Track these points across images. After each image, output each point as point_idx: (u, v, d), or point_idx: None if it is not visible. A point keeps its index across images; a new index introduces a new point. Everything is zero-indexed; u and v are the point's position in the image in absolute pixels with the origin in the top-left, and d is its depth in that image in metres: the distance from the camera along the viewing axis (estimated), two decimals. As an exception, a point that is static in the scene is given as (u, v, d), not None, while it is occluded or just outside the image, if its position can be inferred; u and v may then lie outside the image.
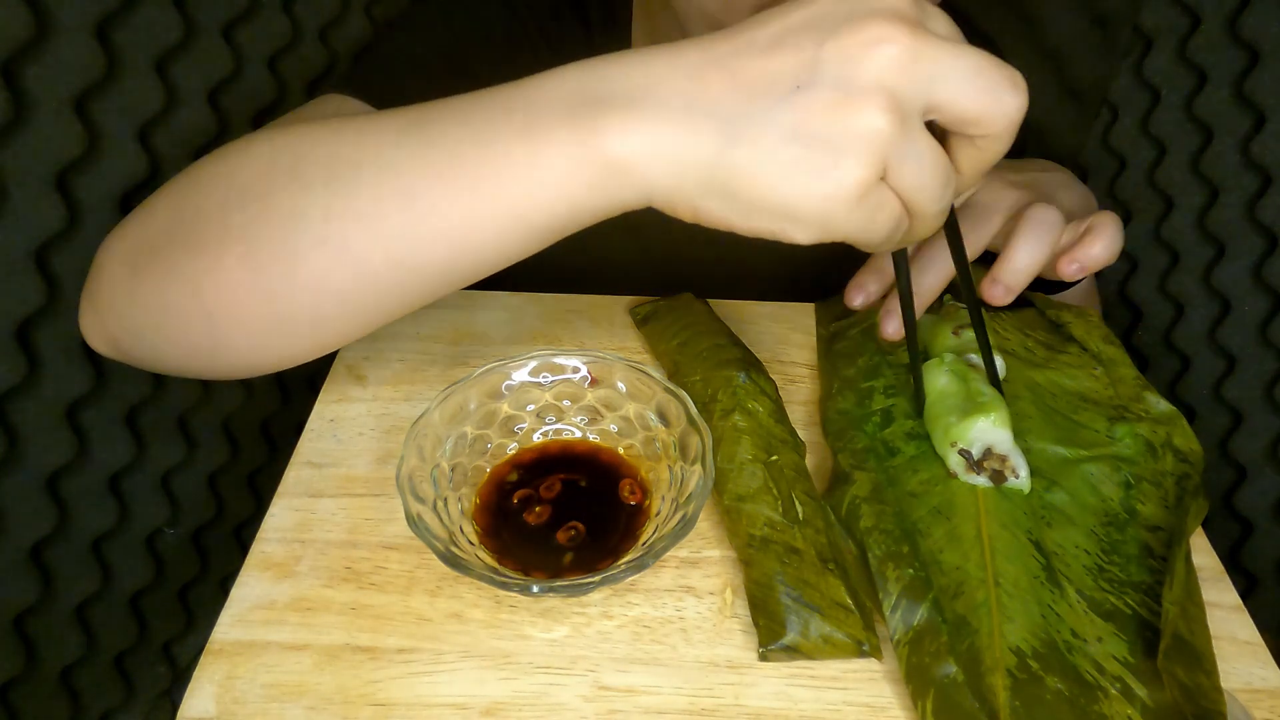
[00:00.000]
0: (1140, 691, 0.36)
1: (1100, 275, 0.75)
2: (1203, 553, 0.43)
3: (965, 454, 0.43)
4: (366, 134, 0.35)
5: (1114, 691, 0.36)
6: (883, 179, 0.30)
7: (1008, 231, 0.46)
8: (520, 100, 0.32)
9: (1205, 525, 0.44)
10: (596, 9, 0.60)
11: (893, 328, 0.48)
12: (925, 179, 0.31)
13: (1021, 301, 0.54)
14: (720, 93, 0.30)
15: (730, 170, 0.30)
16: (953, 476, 0.44)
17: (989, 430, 0.43)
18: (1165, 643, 0.36)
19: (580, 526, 0.42)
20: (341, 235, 0.34)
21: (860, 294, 0.51)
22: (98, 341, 0.43)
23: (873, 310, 0.53)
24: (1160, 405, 0.47)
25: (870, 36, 0.29)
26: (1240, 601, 0.41)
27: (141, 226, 0.41)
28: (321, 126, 0.37)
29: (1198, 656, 0.37)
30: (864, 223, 0.31)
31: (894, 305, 0.48)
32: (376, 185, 0.34)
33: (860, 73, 0.29)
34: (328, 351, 0.40)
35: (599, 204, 0.32)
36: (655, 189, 0.31)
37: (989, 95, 0.30)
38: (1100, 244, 0.46)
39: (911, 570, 0.40)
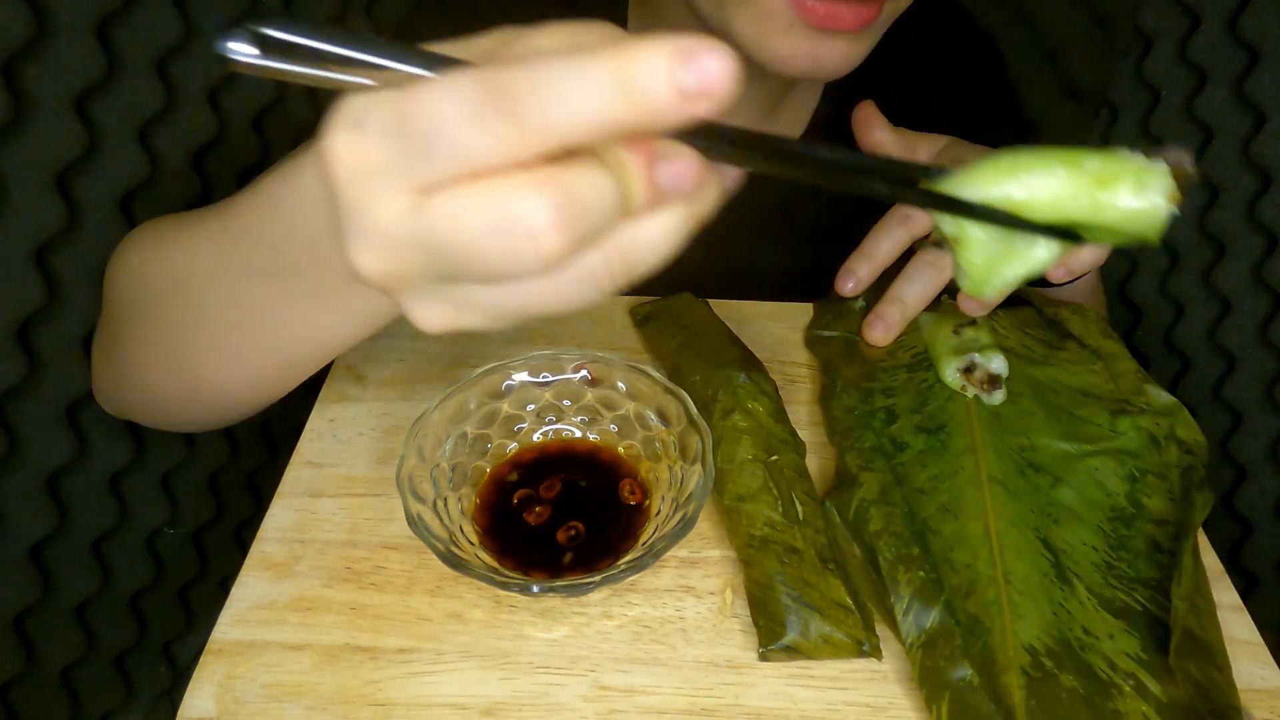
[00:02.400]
0: (1154, 688, 0.36)
1: (1102, 274, 0.75)
2: (1203, 552, 0.43)
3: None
4: (197, 262, 0.39)
5: (1128, 688, 0.36)
6: None
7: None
8: (305, 258, 0.33)
9: (1205, 525, 0.44)
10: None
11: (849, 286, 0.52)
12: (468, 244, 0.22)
13: (1019, 300, 0.54)
14: None
15: None
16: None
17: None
18: (1176, 640, 0.36)
19: (580, 526, 0.42)
20: (220, 348, 0.40)
21: (849, 279, 0.53)
22: (108, 410, 0.51)
23: (859, 317, 0.53)
24: (1162, 397, 0.47)
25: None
26: (1240, 601, 0.41)
27: (103, 313, 0.46)
28: (171, 244, 0.41)
29: (1209, 652, 0.37)
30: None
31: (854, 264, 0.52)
32: (221, 312, 0.38)
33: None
34: (279, 397, 0.44)
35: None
36: None
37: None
38: (1088, 249, 0.46)
39: (922, 573, 0.40)
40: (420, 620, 0.39)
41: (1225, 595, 0.41)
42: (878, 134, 0.54)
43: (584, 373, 0.46)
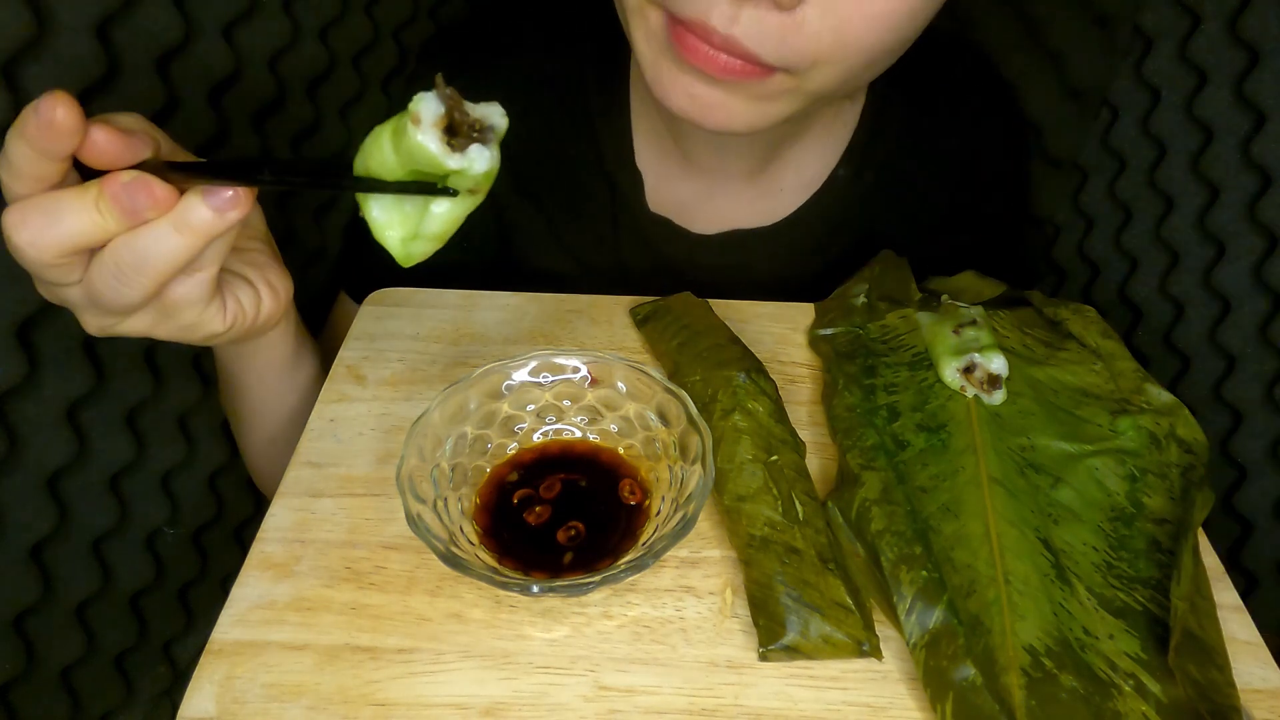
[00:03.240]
0: (1154, 688, 0.36)
1: (1100, 276, 0.75)
2: (1203, 552, 0.43)
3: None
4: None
5: (1128, 688, 0.36)
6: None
7: None
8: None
9: (1205, 525, 0.44)
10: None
11: None
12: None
13: (1019, 300, 0.54)
14: None
15: None
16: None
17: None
18: (1175, 640, 0.36)
19: (580, 526, 0.42)
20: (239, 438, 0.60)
21: None
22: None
23: (861, 313, 0.53)
24: (1162, 396, 0.47)
25: None
26: (1240, 601, 0.41)
27: None
28: None
29: (1209, 651, 0.37)
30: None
31: None
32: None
33: None
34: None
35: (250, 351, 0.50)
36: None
37: None
38: None
39: (925, 572, 0.39)
40: (420, 620, 0.39)
41: (1225, 595, 0.41)
42: None
43: (584, 373, 0.46)
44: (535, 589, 0.36)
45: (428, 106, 0.31)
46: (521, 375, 0.45)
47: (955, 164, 0.64)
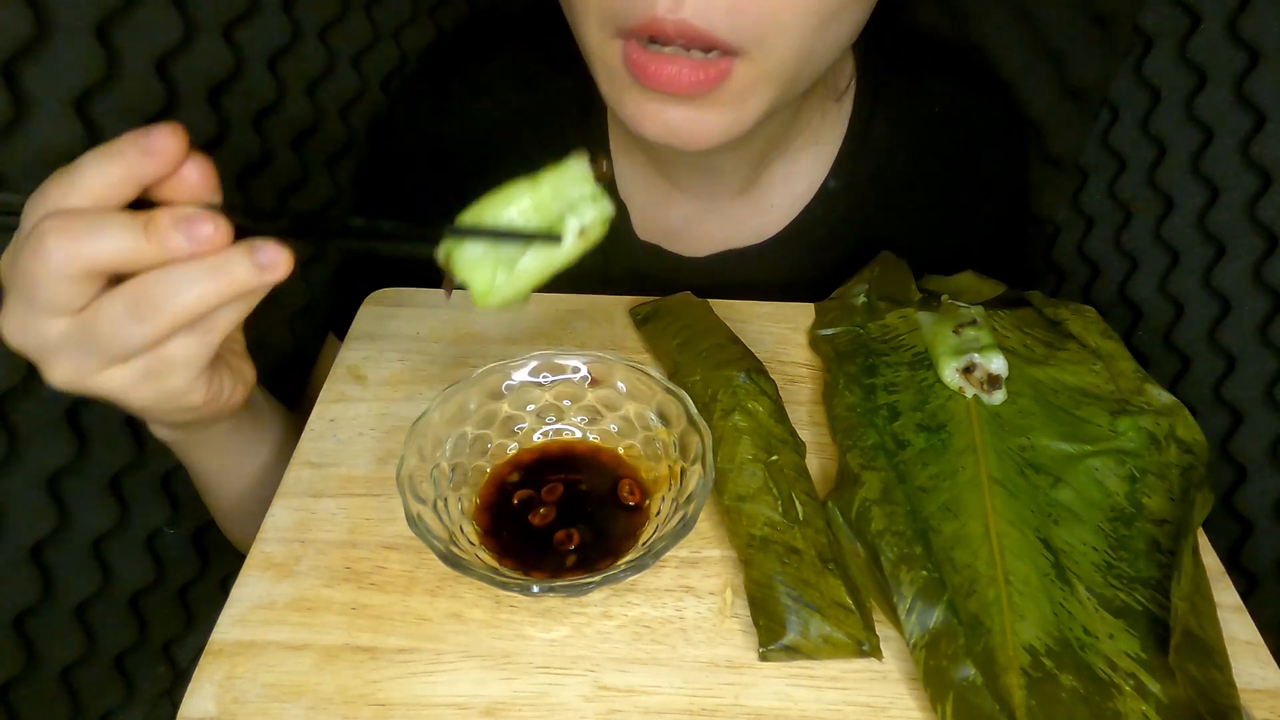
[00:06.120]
0: (1154, 688, 0.36)
1: (1100, 276, 0.75)
2: (1203, 552, 0.43)
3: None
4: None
5: (1128, 688, 0.36)
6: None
7: None
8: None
9: (1205, 525, 0.44)
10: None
11: None
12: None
13: (1019, 300, 0.54)
14: None
15: None
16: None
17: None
18: (1176, 640, 0.36)
19: (581, 527, 0.42)
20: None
21: None
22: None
23: (861, 313, 0.53)
24: (1162, 397, 0.47)
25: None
26: (1240, 601, 0.41)
27: None
28: None
29: (1209, 651, 0.37)
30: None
31: None
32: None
33: None
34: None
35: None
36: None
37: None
38: None
39: (925, 572, 0.40)
40: (420, 620, 0.39)
41: (1225, 595, 0.41)
42: None
43: (584, 373, 0.46)
44: (535, 589, 0.36)
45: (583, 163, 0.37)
46: (521, 375, 0.45)
47: (951, 165, 0.64)
